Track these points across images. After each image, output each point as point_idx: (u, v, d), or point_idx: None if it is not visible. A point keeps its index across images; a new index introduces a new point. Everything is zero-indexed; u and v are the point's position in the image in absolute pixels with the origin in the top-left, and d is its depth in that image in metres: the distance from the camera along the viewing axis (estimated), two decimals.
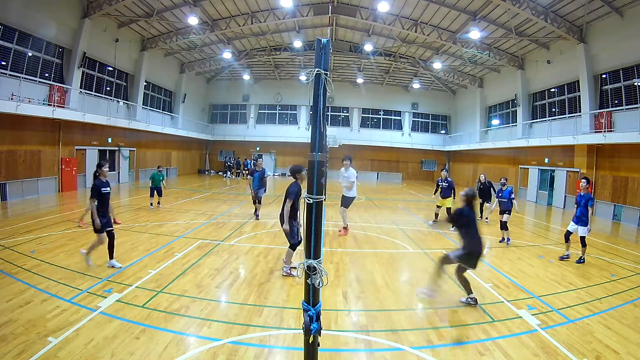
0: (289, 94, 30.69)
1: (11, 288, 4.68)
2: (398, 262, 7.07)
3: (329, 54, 2.34)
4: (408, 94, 31.11)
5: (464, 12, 17.68)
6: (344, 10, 19.16)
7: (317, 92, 2.30)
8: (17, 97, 12.25)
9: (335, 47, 23.57)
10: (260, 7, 19.15)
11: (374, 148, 30.25)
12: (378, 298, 5.08)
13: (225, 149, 31.40)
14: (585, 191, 7.05)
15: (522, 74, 20.52)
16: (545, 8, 15.09)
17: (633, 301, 5.25)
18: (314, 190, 2.30)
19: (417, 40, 21.73)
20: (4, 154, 12.34)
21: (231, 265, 6.22)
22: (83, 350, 3.38)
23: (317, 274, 2.29)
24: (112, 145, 18.58)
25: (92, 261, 5.82)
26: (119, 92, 19.85)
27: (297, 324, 4.12)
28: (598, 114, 15.05)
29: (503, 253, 7.87)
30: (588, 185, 7.12)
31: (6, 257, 5.94)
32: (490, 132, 24.77)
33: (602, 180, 14.75)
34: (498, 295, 5.29)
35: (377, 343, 3.86)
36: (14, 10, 12.68)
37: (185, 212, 11.35)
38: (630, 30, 13.48)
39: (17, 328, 3.69)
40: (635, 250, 8.79)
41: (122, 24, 18.42)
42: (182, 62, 26.02)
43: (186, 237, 7.95)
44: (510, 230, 10.44)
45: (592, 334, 4.15)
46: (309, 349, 2.39)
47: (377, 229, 9.94)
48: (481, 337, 4.01)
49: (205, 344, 3.64)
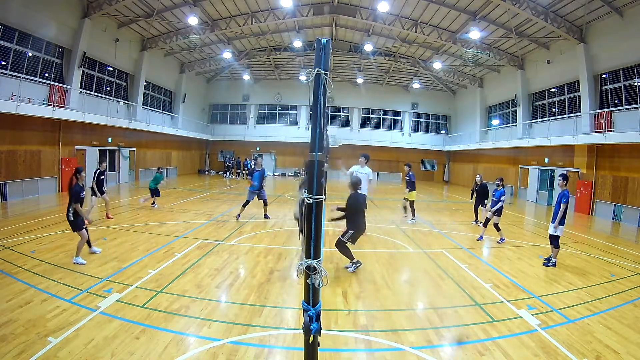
0: (289, 94, 30.70)
1: (11, 288, 4.68)
2: (398, 262, 7.07)
3: (329, 54, 2.34)
4: (408, 94, 31.11)
5: (464, 12, 17.68)
6: (344, 10, 19.17)
7: (317, 92, 2.30)
8: (17, 97, 12.25)
9: (335, 47, 23.57)
10: (260, 7, 19.15)
11: (374, 148, 30.13)
12: (378, 298, 5.08)
13: (225, 149, 31.40)
14: (562, 188, 6.77)
15: (522, 74, 20.53)
16: (545, 8, 15.09)
17: (633, 301, 5.25)
18: (314, 190, 2.30)
19: (417, 40, 21.73)
20: (4, 154, 12.34)
21: (231, 265, 6.22)
22: (83, 350, 3.38)
23: (317, 274, 2.29)
24: (112, 145, 18.58)
25: (92, 261, 5.84)
26: (119, 92, 19.85)
27: (297, 324, 4.12)
28: (598, 114, 15.05)
29: (503, 253, 7.87)
30: (564, 182, 6.80)
31: (6, 257, 5.94)
32: (490, 132, 24.78)
33: (602, 180, 14.75)
34: (498, 295, 5.29)
35: (377, 343, 3.86)
36: (14, 10, 12.68)
37: (185, 212, 11.35)
38: (630, 30, 13.48)
39: (17, 328, 3.69)
40: (635, 250, 8.79)
41: (122, 24, 18.42)
42: (182, 62, 26.02)
43: (186, 237, 7.95)
44: (510, 230, 10.48)
45: (592, 334, 4.15)
46: (309, 349, 2.39)
47: (377, 229, 9.93)
48: (481, 337, 4.01)
49: (205, 344, 3.64)
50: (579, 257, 7.73)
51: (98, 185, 9.34)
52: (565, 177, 6.89)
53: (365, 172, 8.57)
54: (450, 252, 7.69)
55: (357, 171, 8.60)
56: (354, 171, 8.62)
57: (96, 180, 9.35)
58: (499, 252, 8.03)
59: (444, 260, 7.06)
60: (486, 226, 8.96)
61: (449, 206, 16.20)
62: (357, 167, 8.65)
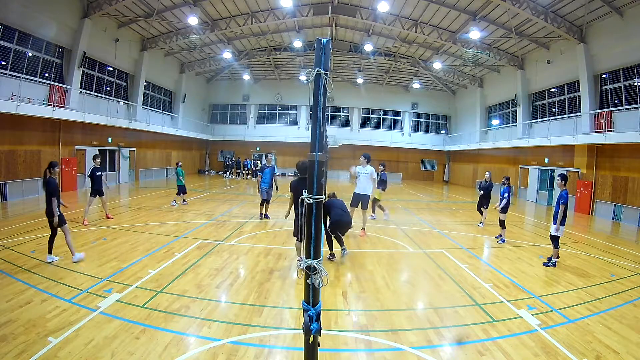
0: (289, 94, 30.71)
1: (11, 288, 4.68)
2: (398, 262, 7.07)
3: (329, 54, 2.34)
4: (408, 94, 31.12)
5: (464, 12, 17.68)
6: (344, 10, 19.16)
7: (317, 92, 2.30)
8: (17, 97, 12.25)
9: (335, 47, 23.57)
10: (260, 7, 19.15)
11: (374, 148, 30.12)
12: (378, 298, 5.08)
13: (225, 149, 31.41)
14: (561, 188, 6.81)
15: (522, 74, 20.53)
16: (545, 8, 15.10)
17: (633, 301, 5.25)
18: (314, 190, 2.30)
19: (417, 40, 21.74)
20: (4, 154, 12.34)
21: (231, 265, 6.21)
22: (83, 350, 3.38)
23: (317, 274, 2.29)
24: (112, 145, 18.58)
25: (92, 261, 5.84)
26: (119, 92, 19.85)
27: (297, 324, 4.12)
28: (598, 114, 15.05)
29: (503, 253, 7.87)
30: (562, 182, 6.85)
31: (6, 257, 5.94)
32: (490, 132, 24.78)
33: (602, 180, 14.74)
34: (498, 295, 5.29)
35: (377, 343, 3.86)
36: (14, 10, 12.68)
37: (185, 212, 11.35)
38: (630, 30, 13.48)
39: (17, 328, 3.68)
40: (635, 250, 8.79)
41: (122, 24, 18.42)
42: (182, 62, 26.02)
43: (186, 237, 7.95)
44: (510, 230, 10.46)
45: (592, 334, 4.15)
46: (309, 349, 2.38)
47: (377, 229, 9.93)
48: (481, 337, 4.01)
49: (205, 344, 3.64)
50: (579, 257, 7.73)
51: (96, 184, 9.00)
52: (564, 177, 6.90)
53: (367, 171, 8.60)
54: (450, 252, 7.69)
55: (359, 171, 8.64)
56: (357, 171, 8.66)
57: (92, 177, 9.02)
58: (499, 252, 8.03)
59: (444, 260, 7.05)
60: (504, 227, 8.89)
61: (449, 206, 16.20)
62: (359, 167, 8.68)
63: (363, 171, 8.61)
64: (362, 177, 8.60)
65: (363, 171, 8.61)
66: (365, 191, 8.62)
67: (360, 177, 8.62)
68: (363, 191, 8.62)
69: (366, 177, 8.57)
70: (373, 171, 8.71)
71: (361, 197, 8.62)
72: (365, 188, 8.61)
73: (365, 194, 8.63)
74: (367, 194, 8.66)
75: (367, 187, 8.61)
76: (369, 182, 8.61)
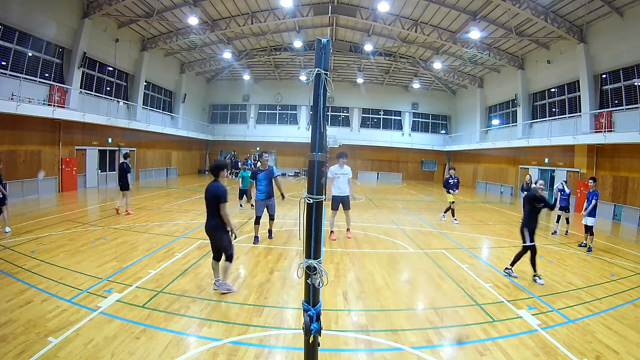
0: (289, 94, 30.70)
1: (11, 288, 4.68)
2: (398, 262, 7.07)
3: (329, 54, 2.34)
4: (408, 94, 31.11)
5: (464, 12, 17.67)
6: (344, 10, 19.15)
7: (317, 92, 2.30)
8: (17, 97, 12.25)
9: (335, 47, 23.56)
10: (260, 7, 19.14)
11: (374, 148, 30.26)
12: (378, 298, 5.08)
13: (225, 149, 31.39)
14: (592, 189, 8.41)
15: (522, 74, 20.53)
16: (545, 8, 15.09)
17: (633, 301, 5.25)
18: (314, 190, 2.30)
19: (417, 40, 21.73)
20: (4, 154, 12.30)
21: (231, 265, 6.20)
22: (83, 350, 3.38)
23: (317, 274, 2.29)
24: (112, 145, 18.58)
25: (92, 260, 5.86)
26: (119, 92, 19.85)
27: (297, 324, 4.12)
28: (598, 114, 15.05)
29: (503, 253, 7.87)
30: (594, 183, 8.58)
31: (6, 257, 5.94)
32: (490, 132, 24.77)
33: (602, 180, 14.72)
34: (498, 295, 5.29)
35: (377, 343, 3.86)
36: (14, 10, 12.68)
37: (185, 212, 11.34)
38: (630, 30, 13.48)
39: (17, 328, 3.68)
40: (635, 250, 8.79)
41: (122, 24, 18.42)
42: (182, 62, 26.02)
43: (186, 237, 7.95)
44: (510, 230, 10.46)
45: (592, 334, 4.15)
46: (309, 349, 2.39)
47: (377, 229, 9.93)
48: (481, 337, 4.01)
49: (205, 344, 3.64)
50: (579, 257, 7.73)
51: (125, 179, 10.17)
52: (595, 180, 8.69)
53: (345, 172, 8.47)
54: (450, 252, 7.69)
55: (336, 172, 8.46)
56: (334, 172, 8.45)
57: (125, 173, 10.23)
58: (499, 252, 8.04)
59: (444, 260, 7.05)
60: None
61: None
62: (335, 167, 8.48)
63: (342, 172, 8.47)
64: (342, 178, 8.48)
65: (342, 172, 8.47)
66: (346, 192, 8.51)
67: (340, 178, 8.46)
68: (343, 192, 8.49)
69: (345, 177, 8.46)
70: (350, 172, 8.57)
71: (342, 199, 8.48)
72: (345, 189, 8.50)
73: (346, 195, 8.52)
74: (348, 194, 8.56)
75: (346, 188, 8.50)
76: (347, 183, 8.50)
